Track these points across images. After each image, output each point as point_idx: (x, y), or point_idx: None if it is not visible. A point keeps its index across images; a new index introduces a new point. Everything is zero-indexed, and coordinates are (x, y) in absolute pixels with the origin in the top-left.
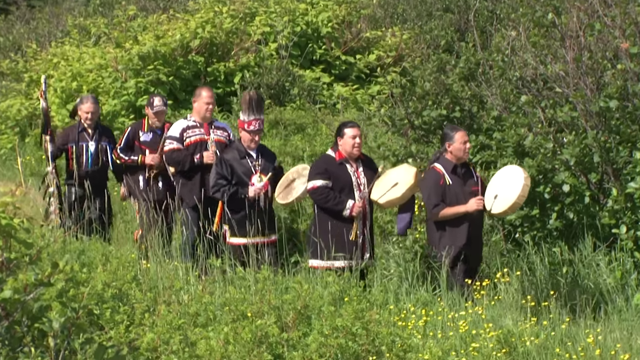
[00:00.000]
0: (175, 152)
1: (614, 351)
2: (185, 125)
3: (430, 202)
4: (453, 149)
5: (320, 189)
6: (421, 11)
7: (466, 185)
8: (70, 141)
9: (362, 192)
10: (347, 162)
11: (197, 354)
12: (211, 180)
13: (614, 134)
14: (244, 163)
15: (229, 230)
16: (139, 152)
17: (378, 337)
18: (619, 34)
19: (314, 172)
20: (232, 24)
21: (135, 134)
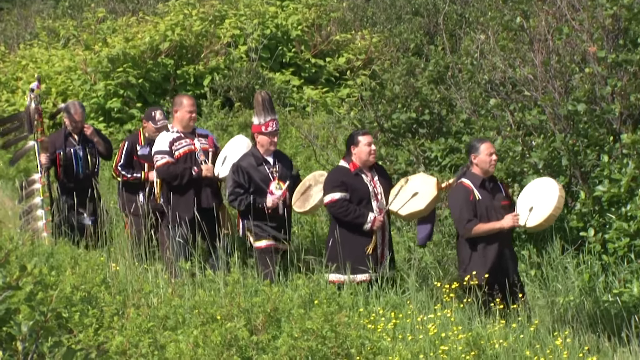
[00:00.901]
0: (171, 167)
1: (582, 353)
2: (172, 137)
3: (462, 217)
4: (479, 161)
5: (339, 202)
6: (390, 14)
7: (495, 200)
8: (57, 148)
9: (380, 202)
10: (362, 172)
11: (166, 357)
12: (228, 189)
13: (582, 137)
14: (261, 170)
15: (253, 236)
16: (137, 166)
17: (347, 339)
18: (587, 37)
19: (330, 185)
20: (201, 27)
21: (133, 148)
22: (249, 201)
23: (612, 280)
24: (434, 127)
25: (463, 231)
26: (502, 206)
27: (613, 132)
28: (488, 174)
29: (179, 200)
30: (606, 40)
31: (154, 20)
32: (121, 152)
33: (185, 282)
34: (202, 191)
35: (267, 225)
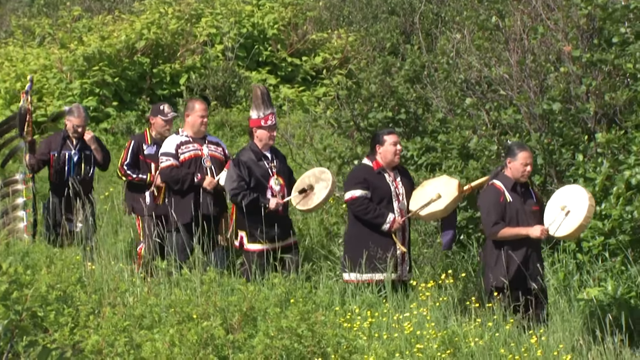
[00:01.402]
0: (174, 170)
1: (556, 352)
2: (179, 140)
3: (489, 219)
4: (512, 167)
5: (359, 200)
6: (367, 13)
7: (526, 204)
8: (52, 149)
9: (401, 203)
10: (384, 171)
11: (142, 356)
12: (230, 184)
13: (557, 136)
14: (261, 165)
15: (247, 237)
16: (143, 166)
17: (324, 338)
18: (562, 37)
19: (352, 182)
20: (177, 25)
21: (139, 148)
22: (252, 198)
23: (587, 278)
24: (410, 126)
25: (489, 233)
26: (532, 211)
27: (588, 131)
28: (520, 180)
29: (178, 204)
30: (581, 39)
31: (129, 18)
32: (127, 151)
33: (161, 281)
34: (202, 197)
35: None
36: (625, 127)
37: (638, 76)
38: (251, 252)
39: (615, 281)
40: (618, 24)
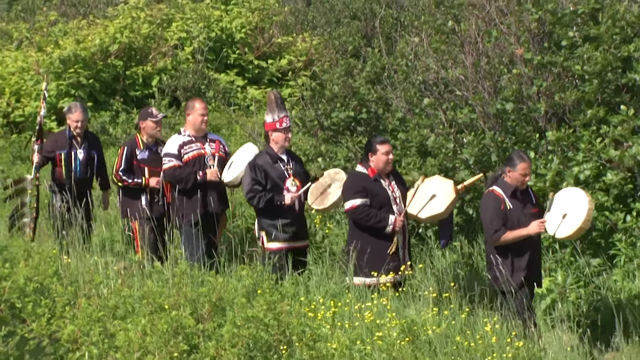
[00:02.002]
0: (177, 170)
1: (509, 338)
2: (182, 141)
3: (491, 227)
4: (512, 176)
5: (360, 208)
6: (330, 18)
7: (526, 208)
8: (59, 148)
9: (399, 206)
10: (380, 177)
11: (116, 344)
12: (246, 187)
13: (510, 134)
14: (277, 167)
15: (266, 236)
16: (137, 171)
17: (289, 327)
18: (514, 40)
19: (351, 191)
20: (149, 30)
21: (132, 153)
22: (267, 198)
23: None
24: (371, 125)
25: (491, 240)
26: (531, 214)
27: (539, 129)
28: (519, 187)
29: (185, 203)
30: (532, 43)
31: (103, 23)
32: (121, 158)
33: (134, 273)
34: (209, 195)
35: (284, 226)
36: (574, 125)
37: (586, 77)
38: (271, 250)
39: (565, 271)
40: (567, 28)
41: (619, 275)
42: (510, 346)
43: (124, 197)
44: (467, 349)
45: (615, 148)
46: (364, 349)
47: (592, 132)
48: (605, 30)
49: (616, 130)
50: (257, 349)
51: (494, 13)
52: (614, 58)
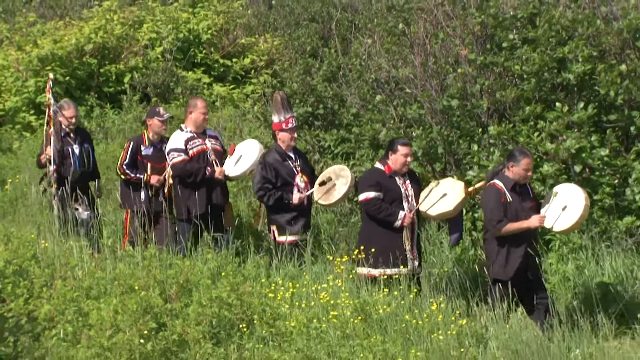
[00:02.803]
0: (187, 164)
1: (454, 317)
2: (186, 137)
3: (493, 218)
4: (514, 171)
5: (372, 201)
6: (290, 21)
7: (524, 202)
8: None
9: (411, 204)
10: (395, 175)
11: (89, 323)
12: (256, 184)
13: (455, 129)
14: (287, 165)
15: (277, 230)
16: (141, 166)
17: (250, 306)
18: (459, 42)
19: (366, 184)
20: (122, 30)
21: (137, 149)
22: (277, 197)
23: (481, 253)
24: (327, 120)
25: (494, 230)
26: (530, 207)
27: (481, 124)
28: (519, 182)
29: (191, 196)
30: (476, 44)
31: (79, 24)
32: (126, 152)
33: (107, 256)
34: (213, 189)
35: (294, 221)
36: (513, 121)
37: (524, 77)
38: (282, 243)
39: None
40: (507, 31)
41: (554, 258)
42: (455, 324)
43: (125, 188)
44: (415, 326)
45: (551, 142)
46: (320, 327)
47: (530, 127)
48: (542, 33)
49: (552, 126)
50: (220, 327)
51: (441, 17)
52: (550, 59)
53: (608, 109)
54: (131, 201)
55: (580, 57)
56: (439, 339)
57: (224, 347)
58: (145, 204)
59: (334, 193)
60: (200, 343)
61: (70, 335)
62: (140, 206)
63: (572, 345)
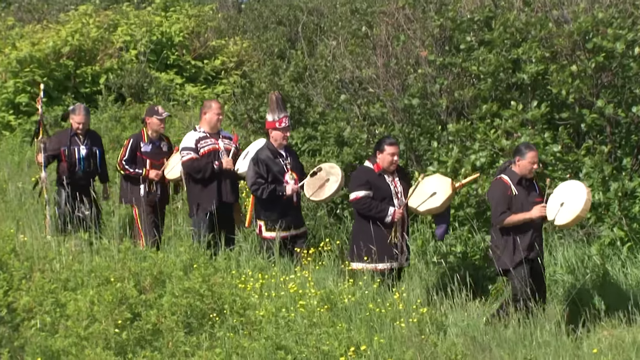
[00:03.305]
0: (195, 162)
1: (415, 305)
2: (198, 136)
3: (497, 209)
4: (521, 165)
5: (362, 199)
6: (258, 24)
7: (530, 196)
8: (63, 145)
9: (400, 200)
10: (385, 173)
11: (67, 313)
12: (250, 179)
13: (416, 126)
14: (277, 162)
15: (264, 225)
16: (140, 162)
17: (221, 297)
18: (419, 44)
19: (355, 183)
20: (97, 33)
21: (137, 146)
22: (270, 189)
23: (440, 244)
24: (294, 118)
25: (497, 221)
26: (535, 202)
27: (441, 122)
28: (526, 176)
29: (201, 193)
30: (435, 46)
31: (56, 27)
32: (126, 148)
33: (84, 250)
34: (223, 186)
35: (281, 217)
36: (471, 119)
37: (481, 77)
38: (268, 239)
39: (463, 246)
40: (465, 34)
41: None
42: (416, 312)
43: (124, 182)
44: (378, 314)
45: (507, 138)
46: (288, 316)
47: (487, 125)
48: (497, 35)
49: (507, 123)
50: (193, 317)
51: (402, 20)
52: (505, 60)
53: (560, 107)
54: (134, 196)
55: (533, 58)
56: (401, 327)
57: (196, 336)
58: (144, 198)
59: (324, 189)
60: (174, 332)
61: (49, 325)
62: (140, 200)
63: (527, 332)
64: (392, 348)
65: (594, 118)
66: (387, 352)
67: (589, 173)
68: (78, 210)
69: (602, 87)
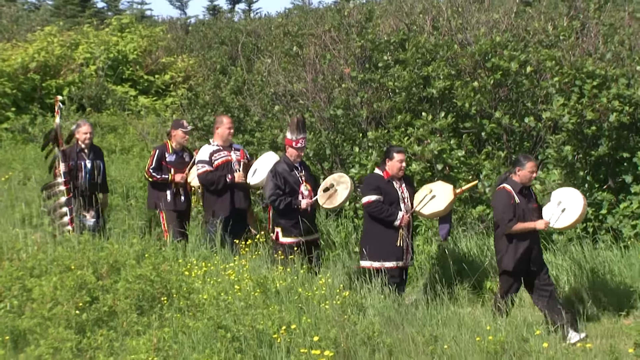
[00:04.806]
0: (209, 174)
1: (338, 289)
2: (212, 150)
3: (505, 217)
4: (521, 174)
5: (374, 203)
6: (203, 43)
7: (529, 203)
8: (70, 160)
9: (407, 205)
10: (393, 179)
11: (32, 297)
12: (268, 191)
13: (340, 134)
14: (293, 174)
15: (281, 232)
16: (165, 170)
17: (169, 282)
18: (343, 62)
19: (367, 188)
20: (61, 51)
21: (162, 156)
22: (287, 202)
23: None
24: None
25: (504, 228)
26: (533, 208)
27: (362, 130)
28: (526, 184)
29: (216, 201)
30: (357, 64)
31: (24, 45)
32: (152, 158)
33: (48, 241)
34: (236, 194)
35: (297, 224)
36: (388, 127)
37: (396, 91)
38: (285, 244)
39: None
40: (382, 53)
41: (421, 240)
42: (339, 295)
43: (152, 190)
44: (306, 297)
45: (418, 144)
46: (227, 299)
47: (401, 133)
48: (410, 55)
49: (419, 131)
50: (144, 300)
51: (328, 41)
52: (417, 76)
53: (464, 118)
54: (160, 202)
55: (441, 75)
56: (326, 308)
57: (147, 317)
58: (170, 203)
59: (336, 197)
60: (127, 313)
61: (16, 307)
62: (170, 206)
63: (434, 312)
64: (318, 327)
65: (493, 127)
66: (314, 330)
67: (488, 174)
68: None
69: (500, 100)
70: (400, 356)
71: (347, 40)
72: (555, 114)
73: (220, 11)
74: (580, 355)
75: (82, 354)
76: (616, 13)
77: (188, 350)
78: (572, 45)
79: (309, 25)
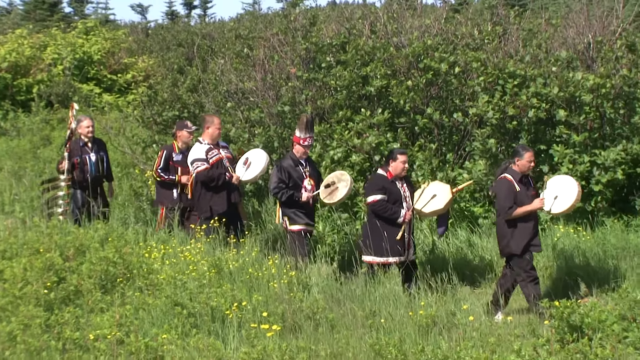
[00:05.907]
0: (209, 171)
1: (285, 270)
2: (206, 148)
3: (505, 204)
4: (520, 164)
5: (379, 202)
6: (162, 45)
7: (528, 190)
8: (75, 155)
9: (408, 203)
10: (396, 179)
11: (4, 277)
12: (272, 184)
13: (287, 128)
14: (298, 170)
15: (288, 221)
16: (172, 169)
17: (131, 264)
18: (290, 62)
19: (373, 188)
20: (31, 52)
21: (169, 156)
22: (289, 194)
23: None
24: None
25: (505, 215)
26: (532, 196)
27: None
28: (525, 173)
29: (212, 197)
30: (302, 64)
31: None
32: (160, 158)
33: (18, 226)
34: (232, 191)
35: (301, 213)
36: (330, 122)
37: (338, 89)
38: (293, 231)
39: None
40: (325, 55)
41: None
42: (287, 275)
43: (160, 188)
44: (256, 277)
45: (358, 138)
46: (183, 279)
47: (343, 127)
48: (350, 56)
49: (358, 126)
50: (107, 280)
51: (276, 44)
52: (356, 76)
53: (399, 114)
54: (165, 199)
55: (378, 74)
56: (275, 287)
57: (110, 295)
58: (177, 200)
59: (337, 193)
60: (92, 292)
61: None
62: (174, 203)
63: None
64: (267, 304)
65: (425, 122)
66: (264, 307)
67: (420, 165)
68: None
69: (431, 98)
70: (342, 329)
71: (293, 42)
72: (480, 110)
73: (178, 16)
74: (502, 327)
75: (50, 330)
76: (534, 19)
77: (148, 325)
78: (496, 48)
79: (258, 29)
